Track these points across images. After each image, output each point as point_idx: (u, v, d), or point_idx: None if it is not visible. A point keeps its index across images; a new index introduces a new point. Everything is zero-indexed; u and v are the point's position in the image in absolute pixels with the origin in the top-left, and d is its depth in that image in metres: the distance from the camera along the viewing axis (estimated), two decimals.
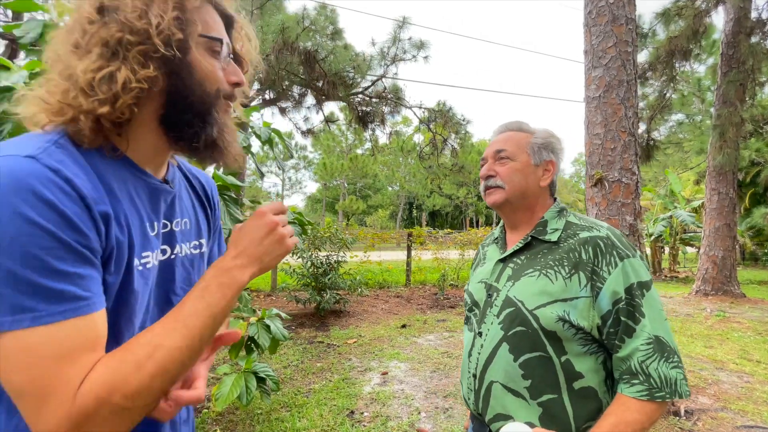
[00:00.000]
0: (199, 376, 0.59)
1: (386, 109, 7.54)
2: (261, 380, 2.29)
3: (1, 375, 0.44)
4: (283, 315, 2.77)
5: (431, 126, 7.74)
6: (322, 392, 3.12)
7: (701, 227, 8.56)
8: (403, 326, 5.23)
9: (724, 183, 7.39)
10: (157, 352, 0.48)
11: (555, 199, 1.00)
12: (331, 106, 9.65)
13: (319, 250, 6.44)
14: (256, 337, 2.24)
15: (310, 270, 5.74)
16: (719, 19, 6.84)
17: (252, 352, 2.33)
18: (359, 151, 29.70)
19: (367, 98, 7.51)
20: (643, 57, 7.56)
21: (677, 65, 7.67)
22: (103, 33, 0.50)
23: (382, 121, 7.62)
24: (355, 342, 4.51)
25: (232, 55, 0.64)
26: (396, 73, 7.18)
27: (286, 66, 6.05)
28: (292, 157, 2.50)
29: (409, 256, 8.80)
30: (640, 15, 7.56)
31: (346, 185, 32.37)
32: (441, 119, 7.55)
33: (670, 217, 11.73)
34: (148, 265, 0.59)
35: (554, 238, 0.91)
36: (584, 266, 0.84)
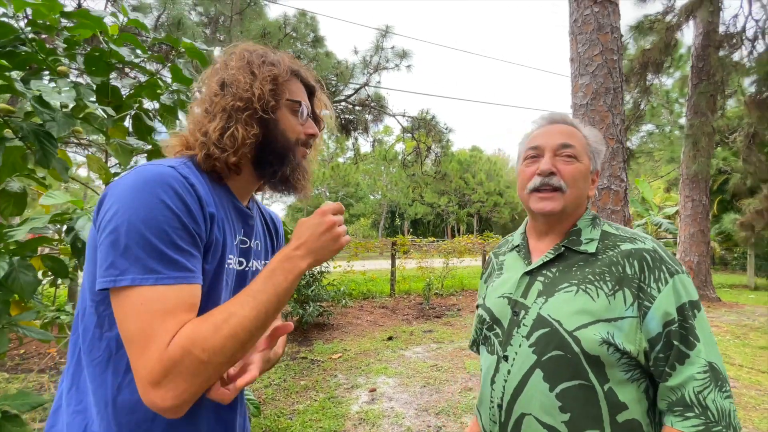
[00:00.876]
0: (253, 362, 0.68)
1: (369, 117, 7.47)
2: None
3: (120, 323, 0.57)
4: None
5: (415, 134, 7.71)
6: (307, 413, 2.94)
7: (677, 233, 8.83)
8: (390, 338, 5.09)
9: (698, 190, 7.64)
10: (231, 319, 0.59)
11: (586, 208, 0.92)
12: None
13: None
14: None
15: None
16: (687, 34, 7.15)
17: None
18: (341, 160, 29.55)
19: (350, 106, 7.43)
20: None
21: (650, 77, 7.94)
22: (223, 102, 0.72)
23: (366, 129, 7.54)
24: (340, 357, 4.34)
25: (311, 115, 0.83)
26: (379, 82, 7.13)
27: None
28: None
29: (393, 265, 8.69)
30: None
31: (327, 194, 32.10)
32: (425, 127, 7.53)
33: (645, 223, 12.10)
34: (230, 265, 0.73)
35: (591, 249, 0.81)
36: (629, 282, 0.74)
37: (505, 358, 0.83)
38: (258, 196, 1.00)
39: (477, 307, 0.99)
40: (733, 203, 13.15)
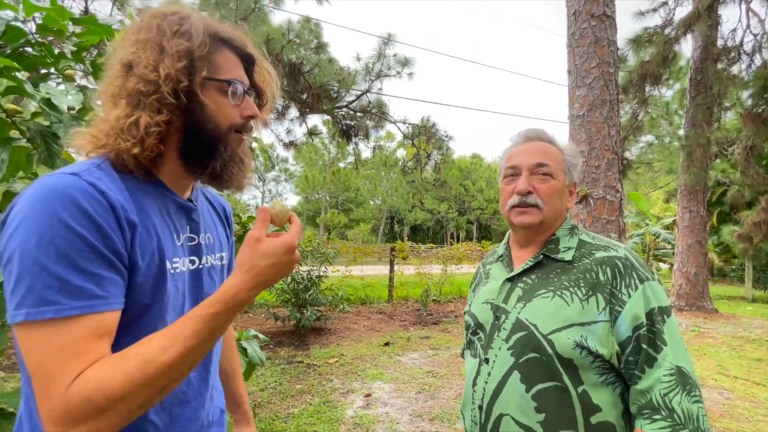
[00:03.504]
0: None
1: (370, 124, 7.53)
2: None
3: (24, 359, 0.51)
4: (261, 336, 2.62)
5: (415, 141, 7.77)
6: (302, 417, 2.95)
7: (674, 243, 8.85)
8: (386, 344, 5.10)
9: (695, 202, 7.68)
10: (148, 367, 0.51)
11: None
12: (314, 119, 9.62)
13: (300, 265, 6.27)
14: None
15: (290, 286, 5.56)
16: (687, 47, 7.24)
17: None
18: (342, 165, 29.66)
19: (352, 112, 7.50)
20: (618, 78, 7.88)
21: (648, 89, 8.02)
22: (128, 85, 0.61)
23: (366, 135, 7.60)
24: (336, 361, 4.35)
25: (251, 90, 0.72)
26: (381, 89, 7.21)
27: None
28: (273, 167, 2.43)
29: (391, 270, 8.70)
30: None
31: (327, 199, 32.17)
32: (425, 135, 7.60)
33: (643, 234, 12.13)
34: (177, 270, 0.66)
35: (568, 257, 0.85)
36: (602, 288, 0.78)
37: (486, 360, 0.86)
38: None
39: (465, 314, 1.02)
40: (732, 215, 13.21)
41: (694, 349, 5.21)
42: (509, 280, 0.91)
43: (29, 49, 1.50)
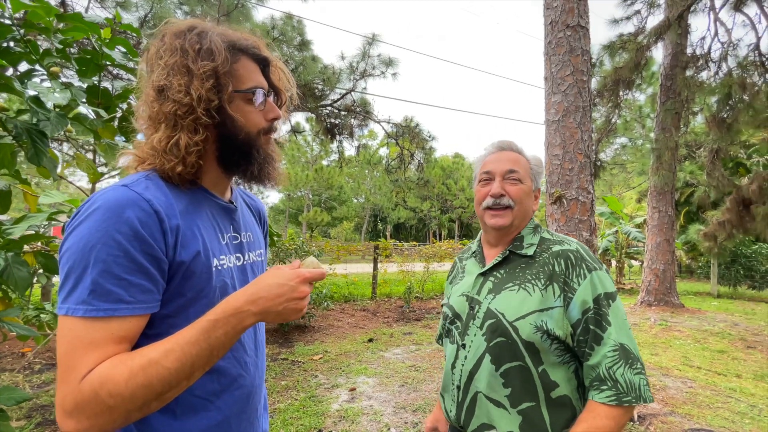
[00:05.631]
0: None
1: (355, 122, 7.58)
2: None
3: (57, 342, 0.56)
4: None
5: (398, 141, 7.86)
6: (288, 412, 3.00)
7: (644, 242, 9.25)
8: (370, 340, 5.18)
9: (664, 202, 8.06)
10: (150, 367, 0.55)
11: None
12: (297, 117, 9.60)
13: (284, 263, 6.27)
14: None
15: None
16: (659, 53, 7.55)
17: None
18: (325, 163, 29.50)
19: (336, 111, 7.52)
20: (591, 85, 8.19)
21: (621, 93, 8.35)
22: (164, 109, 0.66)
23: (351, 134, 7.64)
24: (320, 358, 4.40)
25: (270, 91, 0.76)
26: (365, 88, 7.26)
27: None
28: None
29: (375, 268, 8.78)
30: (591, 46, 8.18)
31: (310, 196, 31.95)
32: (408, 134, 7.70)
33: (616, 232, 12.61)
34: (224, 266, 0.71)
35: (530, 252, 0.96)
36: (557, 278, 0.89)
37: (463, 346, 0.97)
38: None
39: (442, 306, 1.12)
40: (699, 214, 13.85)
41: (662, 341, 5.49)
42: (482, 274, 1.02)
43: (13, 45, 1.50)
